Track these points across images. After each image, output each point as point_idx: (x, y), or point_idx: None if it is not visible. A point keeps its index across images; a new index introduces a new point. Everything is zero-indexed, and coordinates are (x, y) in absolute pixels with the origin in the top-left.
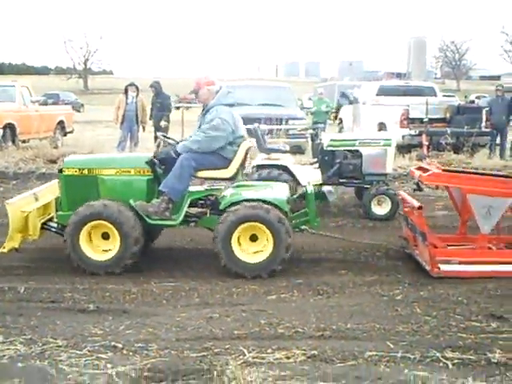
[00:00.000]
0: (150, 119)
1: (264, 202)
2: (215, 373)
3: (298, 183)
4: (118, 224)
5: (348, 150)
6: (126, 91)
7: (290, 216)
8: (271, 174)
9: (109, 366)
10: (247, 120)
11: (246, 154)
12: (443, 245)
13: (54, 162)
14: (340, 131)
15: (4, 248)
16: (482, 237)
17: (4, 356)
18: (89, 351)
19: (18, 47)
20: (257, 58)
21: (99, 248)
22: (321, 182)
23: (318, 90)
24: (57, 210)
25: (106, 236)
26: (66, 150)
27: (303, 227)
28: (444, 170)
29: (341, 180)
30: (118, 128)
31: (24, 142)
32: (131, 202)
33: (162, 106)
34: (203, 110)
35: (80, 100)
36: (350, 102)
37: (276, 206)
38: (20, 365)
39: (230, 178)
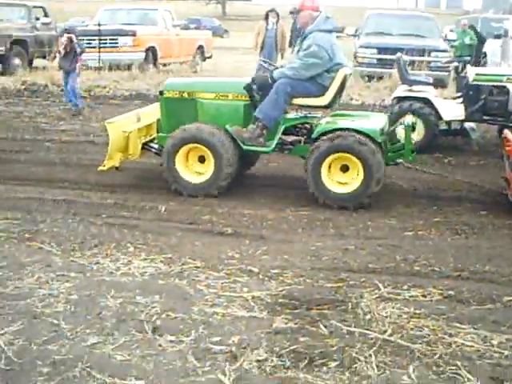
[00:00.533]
0: (290, 46)
1: (357, 131)
2: (350, 305)
3: (440, 118)
4: (212, 147)
5: (494, 86)
6: (266, 17)
7: (384, 148)
8: (412, 107)
9: (245, 289)
10: (389, 50)
11: (344, 81)
12: None
13: None
14: (484, 66)
15: (104, 166)
16: None
17: (146, 273)
18: (226, 274)
19: None
20: None
21: (195, 170)
22: (463, 117)
23: (461, 21)
24: (157, 132)
25: (202, 159)
26: (204, 75)
27: (399, 160)
28: None
29: (485, 117)
30: (257, 55)
31: (165, 65)
32: (227, 126)
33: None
34: (302, 35)
35: (224, 26)
36: (497, 36)
37: (369, 136)
38: (160, 282)
39: (326, 105)
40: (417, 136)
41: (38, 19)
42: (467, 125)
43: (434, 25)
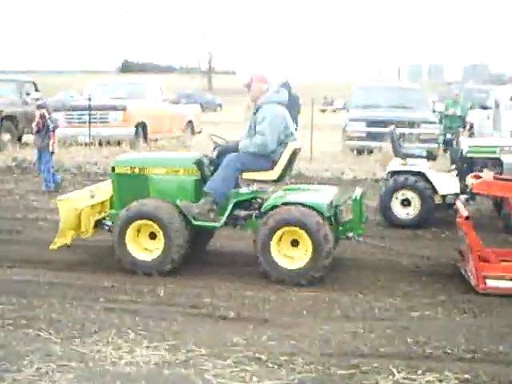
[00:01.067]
0: None
1: (304, 205)
2: None
3: (435, 191)
4: (159, 221)
5: (488, 158)
6: None
7: (335, 222)
8: (408, 181)
9: (255, 379)
10: (379, 123)
11: (294, 155)
12: (496, 260)
13: None
14: (470, 137)
15: (55, 244)
16: None
17: (150, 361)
18: (233, 362)
19: (144, 46)
20: (378, 60)
21: (146, 247)
22: (458, 190)
23: (453, 92)
24: (110, 208)
25: (153, 236)
26: (195, 150)
27: (350, 234)
28: (499, 179)
29: None
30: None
31: (156, 140)
32: (177, 201)
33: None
34: (255, 108)
35: (216, 100)
36: (483, 107)
37: (315, 209)
38: (166, 372)
39: (275, 180)
40: (413, 211)
41: (28, 94)
42: (461, 197)
43: (422, 96)
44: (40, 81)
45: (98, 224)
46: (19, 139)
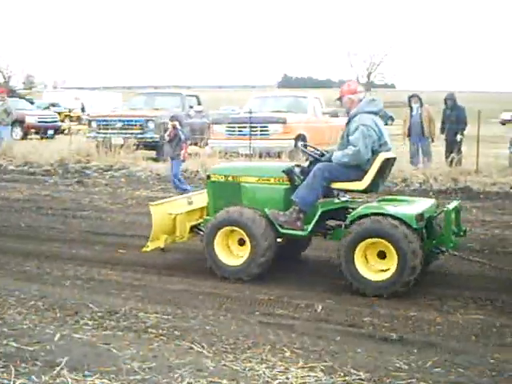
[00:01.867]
0: (442, 133)
1: (390, 216)
2: None
3: None
4: (248, 229)
5: None
6: (409, 103)
7: (426, 235)
8: None
9: None
10: None
11: (384, 165)
12: None
13: None
14: None
15: (148, 247)
16: None
17: (305, 383)
18: None
19: (303, 61)
20: None
21: (234, 252)
22: None
23: None
24: (206, 215)
25: (242, 242)
26: None
27: (443, 248)
28: None
29: None
30: (406, 141)
31: None
32: (266, 209)
33: (457, 119)
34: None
35: (389, 112)
36: None
37: (403, 221)
38: None
39: (364, 190)
40: None
41: (191, 107)
42: None
43: None
44: (203, 96)
45: (193, 230)
46: None
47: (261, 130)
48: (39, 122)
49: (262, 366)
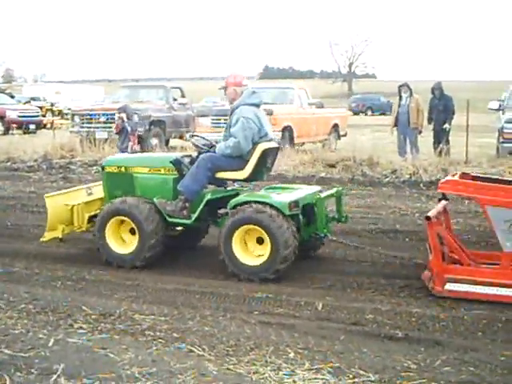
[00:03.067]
0: (430, 123)
1: (264, 203)
2: None
3: None
4: (135, 218)
5: None
6: (399, 93)
7: (304, 222)
8: None
9: None
10: None
11: (266, 155)
12: (467, 262)
13: (332, 166)
14: None
15: (45, 237)
16: (505, 255)
17: None
18: None
19: (284, 52)
20: None
21: (124, 241)
22: None
23: None
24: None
25: (133, 231)
26: (344, 155)
27: (321, 234)
28: (473, 178)
29: None
30: (392, 132)
31: (302, 144)
32: (154, 199)
33: (444, 109)
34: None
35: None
36: None
37: (276, 208)
38: None
39: (246, 179)
40: None
41: (175, 100)
42: None
43: None
44: (185, 87)
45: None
46: (166, 143)
47: None
48: (20, 116)
49: (266, 368)
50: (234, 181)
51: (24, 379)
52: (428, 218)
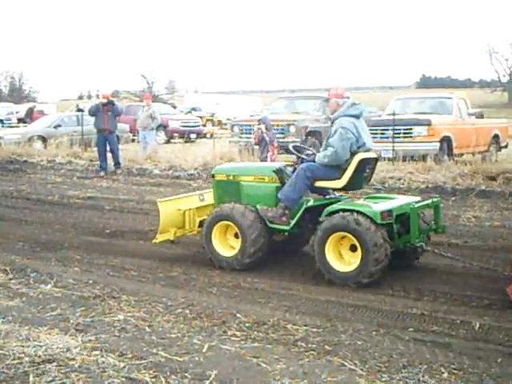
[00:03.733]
0: None
1: (357, 212)
2: None
3: None
4: (239, 224)
5: None
6: None
7: (397, 231)
8: None
9: None
10: None
11: (363, 164)
12: None
13: (493, 178)
14: None
15: (156, 239)
16: None
17: None
18: None
19: (442, 60)
20: None
21: (230, 244)
22: None
23: None
24: None
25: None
26: (506, 167)
27: (418, 244)
28: None
29: None
30: None
31: (461, 155)
32: (257, 205)
33: None
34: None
35: None
36: None
37: (368, 216)
38: None
39: (343, 188)
40: None
41: None
42: None
43: None
44: None
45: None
46: None
47: (404, 133)
48: (182, 126)
49: None
50: (334, 189)
51: (179, 382)
52: None
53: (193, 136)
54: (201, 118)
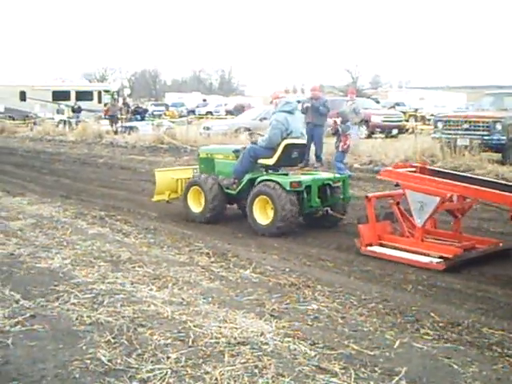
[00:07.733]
0: None
1: (274, 181)
2: None
3: None
4: (203, 188)
5: None
6: None
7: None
8: None
9: None
10: None
11: (289, 148)
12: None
13: None
14: None
15: (153, 197)
16: (418, 229)
17: None
18: None
19: None
20: None
21: (199, 203)
22: None
23: None
24: None
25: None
26: None
27: (312, 206)
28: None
29: None
30: None
31: None
32: (220, 177)
33: None
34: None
35: None
36: None
37: (280, 185)
38: None
39: (274, 165)
40: None
41: None
42: None
43: None
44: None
45: None
46: None
47: None
48: (384, 121)
49: None
50: (267, 166)
51: (367, 376)
52: (367, 197)
53: (394, 131)
54: (404, 113)
